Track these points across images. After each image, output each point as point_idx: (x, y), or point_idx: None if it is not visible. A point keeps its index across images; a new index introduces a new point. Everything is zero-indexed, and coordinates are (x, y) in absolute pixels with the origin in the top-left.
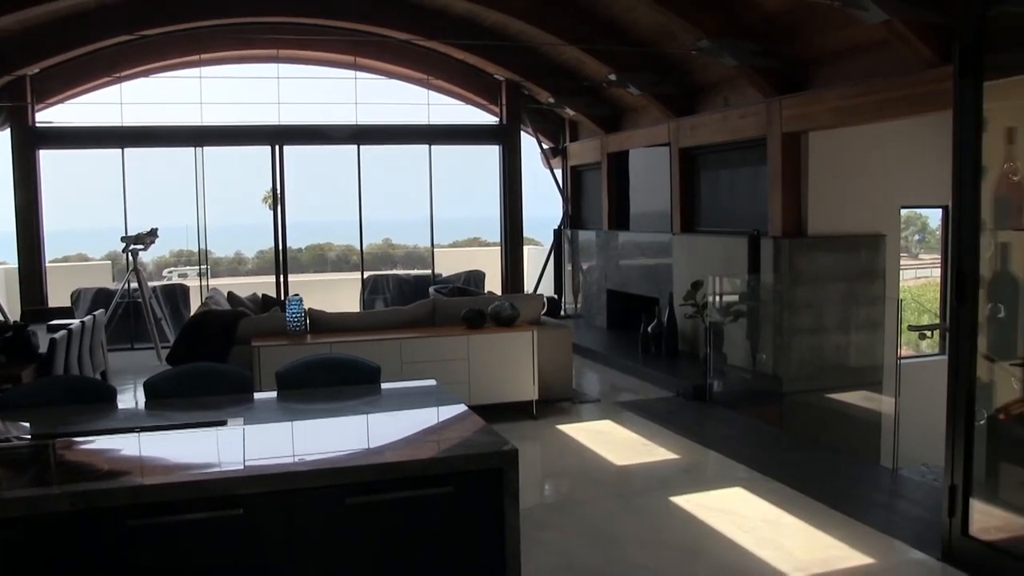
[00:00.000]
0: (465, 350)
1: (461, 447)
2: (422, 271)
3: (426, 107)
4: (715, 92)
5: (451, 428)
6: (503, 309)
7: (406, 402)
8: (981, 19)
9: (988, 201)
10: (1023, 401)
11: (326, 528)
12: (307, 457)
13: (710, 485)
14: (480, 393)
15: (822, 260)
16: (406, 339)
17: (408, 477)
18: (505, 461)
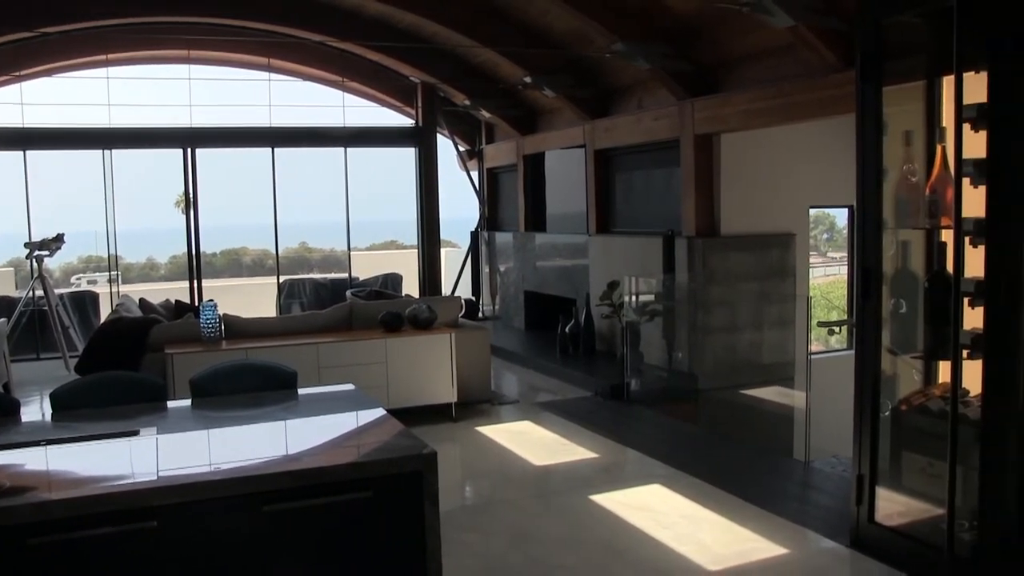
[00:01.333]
0: (383, 354)
1: (380, 451)
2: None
3: (341, 109)
4: (629, 94)
5: (369, 432)
6: (421, 312)
7: (324, 407)
8: (879, 27)
9: (890, 201)
10: (923, 392)
11: (243, 537)
12: (223, 465)
13: (629, 483)
14: (399, 396)
15: (735, 259)
16: (323, 343)
17: (326, 483)
18: (424, 464)
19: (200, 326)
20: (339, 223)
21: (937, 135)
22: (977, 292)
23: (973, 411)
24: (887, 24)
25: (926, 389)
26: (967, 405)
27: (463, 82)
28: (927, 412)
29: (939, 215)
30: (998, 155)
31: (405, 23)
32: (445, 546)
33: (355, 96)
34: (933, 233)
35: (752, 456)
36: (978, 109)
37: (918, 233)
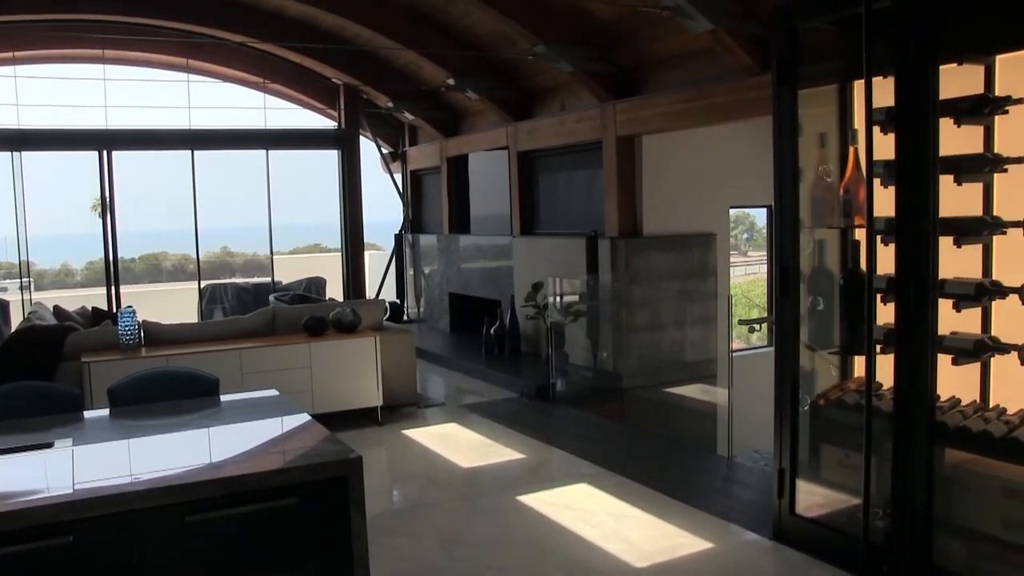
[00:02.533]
0: (307, 358)
1: (304, 457)
2: (262, 279)
3: (263, 111)
4: (552, 97)
5: (294, 438)
6: (345, 315)
7: (247, 414)
8: (793, 32)
9: (806, 201)
10: (840, 386)
11: (165, 549)
12: (142, 476)
13: (556, 483)
14: (324, 401)
15: (657, 259)
16: (246, 349)
17: (250, 491)
18: (350, 469)
19: (118, 333)
20: (262, 227)
21: (849, 137)
22: (888, 289)
23: (886, 403)
24: (801, 29)
25: (842, 383)
26: (880, 398)
27: (386, 84)
28: (843, 405)
29: (852, 215)
30: (905, 157)
31: (327, 24)
32: (373, 551)
33: (277, 98)
34: (847, 232)
35: (677, 453)
36: (887, 112)
37: (833, 232)
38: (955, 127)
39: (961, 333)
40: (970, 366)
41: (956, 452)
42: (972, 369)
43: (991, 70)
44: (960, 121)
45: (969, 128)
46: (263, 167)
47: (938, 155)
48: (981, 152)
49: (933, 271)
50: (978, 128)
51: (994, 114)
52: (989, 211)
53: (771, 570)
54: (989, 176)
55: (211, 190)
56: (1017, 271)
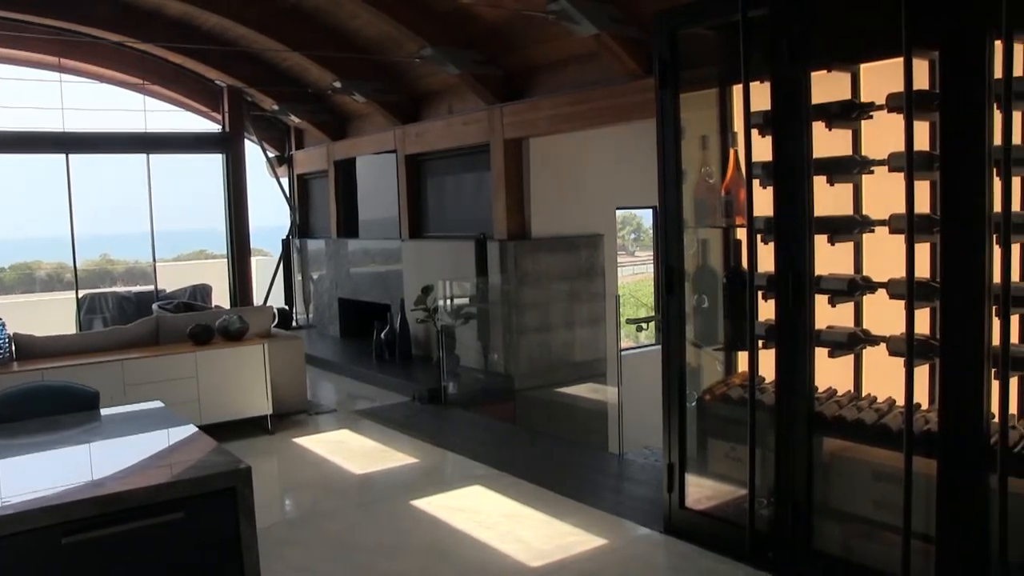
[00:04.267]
0: (193, 368)
1: (191, 470)
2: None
3: (143, 114)
4: (440, 99)
5: (180, 451)
6: (231, 323)
7: (129, 428)
8: (674, 38)
9: (689, 202)
10: (724, 382)
11: (43, 574)
12: (13, 499)
13: (450, 486)
14: (211, 411)
15: (546, 261)
16: (128, 360)
17: (133, 507)
18: (238, 480)
19: None
20: (143, 233)
21: (730, 140)
22: (769, 286)
23: (768, 396)
24: (682, 35)
25: (727, 379)
26: (763, 391)
27: (271, 86)
28: (728, 400)
29: (734, 215)
30: (782, 159)
31: (209, 25)
32: (265, 563)
33: (158, 100)
34: (729, 232)
35: (569, 452)
36: (764, 116)
37: (716, 232)
38: (827, 131)
39: (836, 327)
40: (845, 358)
41: (833, 440)
42: (846, 361)
43: (857, 77)
44: (831, 125)
45: (839, 131)
46: (144, 172)
47: (812, 157)
48: (850, 154)
49: (810, 268)
50: (847, 132)
51: (861, 119)
52: (859, 210)
53: (663, 563)
54: (858, 177)
55: (89, 195)
56: (885, 267)
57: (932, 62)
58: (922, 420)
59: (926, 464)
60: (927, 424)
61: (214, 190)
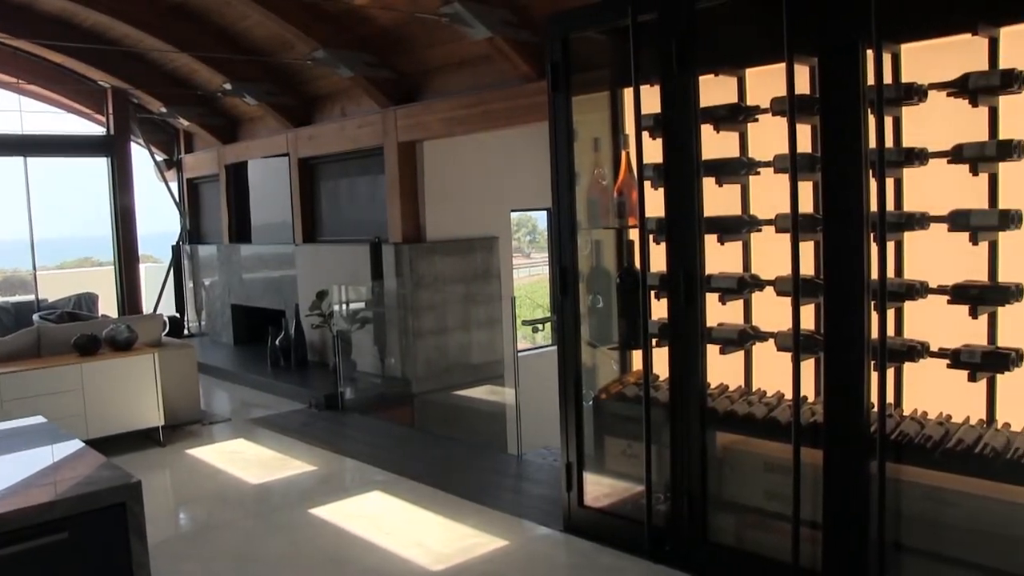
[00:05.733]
0: (78, 380)
1: (76, 487)
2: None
3: (19, 115)
4: (332, 102)
5: (63, 468)
6: (119, 332)
7: (7, 445)
8: (566, 41)
9: (583, 203)
10: (620, 380)
11: None
12: None
13: (349, 492)
14: (99, 425)
15: (441, 263)
16: (6, 374)
17: (12, 530)
18: (128, 495)
19: None
20: (22, 240)
21: (621, 142)
22: (661, 285)
23: (663, 394)
24: (574, 39)
25: (622, 377)
26: (657, 389)
27: (158, 88)
28: (624, 398)
29: (626, 216)
30: (672, 160)
31: (89, 23)
32: None
33: (35, 101)
34: (622, 232)
35: (468, 454)
36: (654, 119)
37: (609, 232)
38: (715, 133)
39: (726, 324)
40: (735, 354)
41: (726, 435)
42: (737, 357)
43: (743, 82)
44: (719, 128)
45: (727, 134)
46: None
47: (701, 159)
48: (738, 156)
49: (700, 268)
50: (735, 134)
51: (747, 122)
52: (747, 211)
53: (563, 561)
54: (745, 178)
55: None
56: (772, 265)
57: (812, 68)
58: (809, 412)
59: (813, 454)
60: (814, 416)
61: (100, 195)
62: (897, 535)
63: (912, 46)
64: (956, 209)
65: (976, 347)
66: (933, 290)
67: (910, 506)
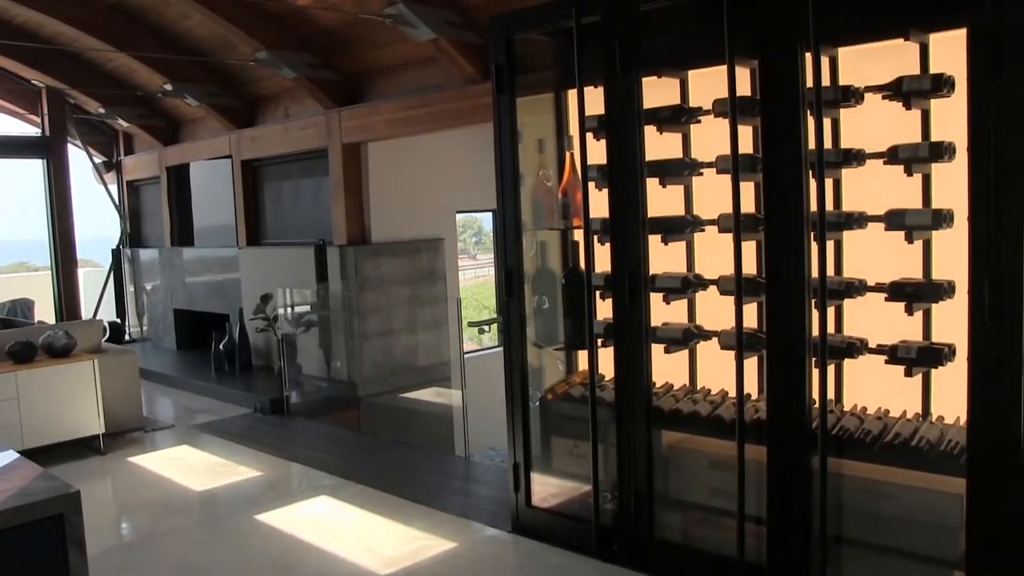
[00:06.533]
0: (13, 388)
1: (10, 499)
2: None
3: None
4: (276, 104)
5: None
6: (57, 339)
7: None
8: (510, 43)
9: (527, 205)
10: (566, 380)
11: None
12: None
13: (295, 497)
14: (35, 435)
15: (387, 265)
16: None
17: None
18: (66, 506)
19: None
20: None
21: (566, 143)
22: (606, 285)
23: (608, 393)
24: (518, 40)
25: (568, 377)
26: (603, 388)
27: (96, 88)
28: (570, 398)
29: (571, 216)
30: (616, 161)
31: (21, 19)
32: None
33: None
34: (567, 233)
35: (416, 457)
36: (598, 120)
37: (554, 233)
38: (658, 134)
39: (671, 324)
40: (680, 353)
41: (671, 433)
42: (682, 356)
43: (685, 83)
44: (662, 129)
45: (670, 135)
46: None
47: (644, 160)
48: (681, 157)
49: (644, 268)
50: (678, 135)
51: (689, 123)
52: (690, 211)
53: (512, 562)
54: (688, 179)
55: None
56: (715, 265)
57: (753, 71)
58: (753, 409)
59: (757, 451)
60: (757, 413)
61: (35, 198)
62: (839, 528)
63: (849, 50)
64: (892, 209)
65: (912, 343)
66: (871, 288)
67: (851, 499)
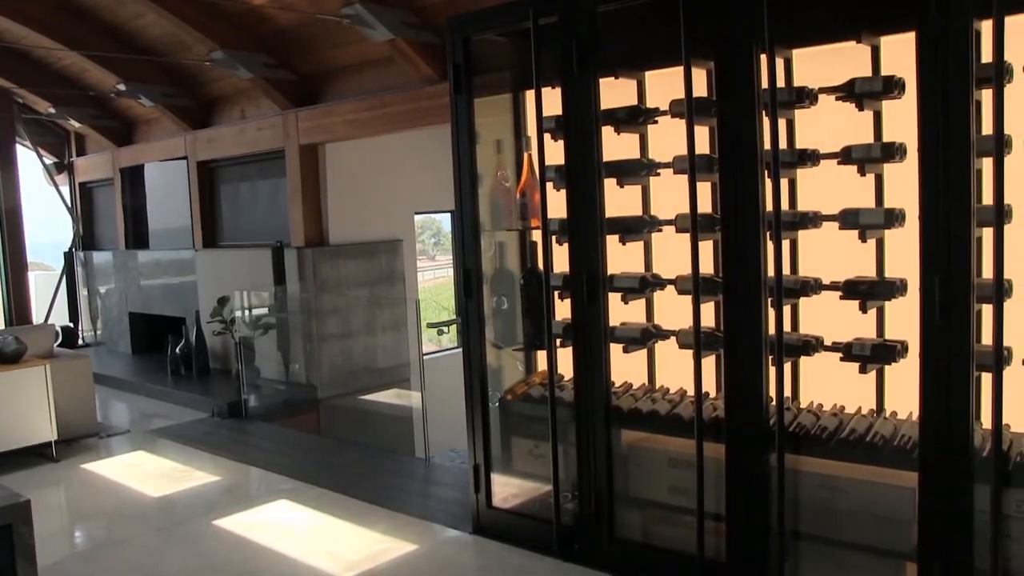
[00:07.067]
0: None
1: None
2: None
3: None
4: (232, 104)
5: None
6: (6, 344)
7: None
8: (468, 43)
9: (486, 205)
10: (525, 381)
11: None
12: None
13: (254, 502)
14: None
15: (345, 267)
16: None
17: None
18: (15, 516)
19: None
20: None
21: (524, 144)
22: (565, 286)
23: (568, 393)
24: (476, 41)
25: (528, 378)
26: (563, 389)
27: (45, 88)
28: (530, 399)
29: (529, 217)
30: (574, 162)
31: None
32: None
33: None
34: (525, 234)
35: (376, 459)
36: (556, 121)
37: (513, 234)
38: (616, 135)
39: (629, 323)
40: (638, 352)
41: (631, 432)
42: (640, 355)
43: (642, 84)
44: (619, 129)
45: (628, 136)
46: None
47: (602, 160)
48: (638, 158)
49: (603, 268)
50: (635, 136)
51: (647, 123)
52: (647, 211)
53: (473, 563)
54: (646, 179)
55: None
56: (672, 264)
57: (710, 71)
58: (711, 408)
59: (716, 449)
60: (716, 411)
61: None
62: (796, 523)
63: (803, 52)
64: (846, 208)
65: (866, 340)
66: (826, 286)
67: (808, 495)
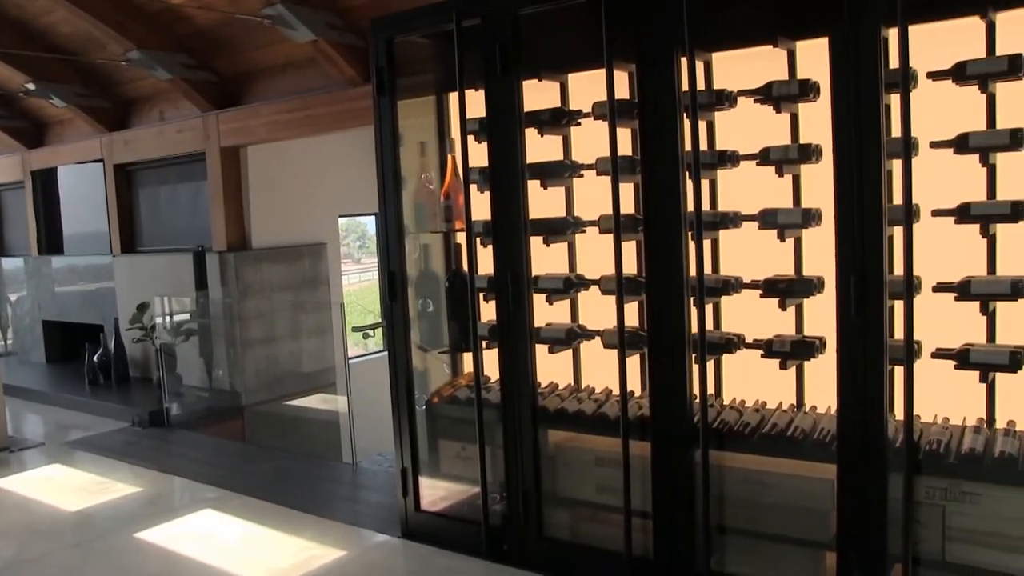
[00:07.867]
0: None
1: None
2: None
3: None
4: (150, 106)
5: None
6: None
7: None
8: (390, 45)
9: (410, 208)
10: (452, 383)
11: None
12: None
13: (178, 512)
14: None
15: (268, 271)
16: None
17: None
18: None
19: None
20: None
21: (447, 146)
22: (490, 288)
23: (494, 395)
24: (399, 43)
25: (454, 380)
26: (489, 390)
27: None
28: (456, 401)
29: (453, 219)
30: (497, 164)
31: None
32: None
33: None
34: (449, 236)
35: (302, 465)
36: (479, 123)
37: (437, 236)
38: (539, 137)
39: (554, 324)
40: (564, 353)
41: (557, 432)
42: (566, 355)
43: (565, 87)
44: (543, 131)
45: (551, 137)
46: None
47: (526, 162)
48: (562, 159)
49: (527, 269)
50: (558, 138)
51: (569, 125)
52: (571, 212)
53: (402, 567)
54: (569, 181)
55: None
56: (596, 265)
57: (631, 74)
58: (636, 406)
59: (642, 447)
60: (641, 410)
61: None
62: (721, 518)
63: (722, 55)
64: (765, 208)
65: (786, 337)
66: (747, 285)
67: (732, 490)
